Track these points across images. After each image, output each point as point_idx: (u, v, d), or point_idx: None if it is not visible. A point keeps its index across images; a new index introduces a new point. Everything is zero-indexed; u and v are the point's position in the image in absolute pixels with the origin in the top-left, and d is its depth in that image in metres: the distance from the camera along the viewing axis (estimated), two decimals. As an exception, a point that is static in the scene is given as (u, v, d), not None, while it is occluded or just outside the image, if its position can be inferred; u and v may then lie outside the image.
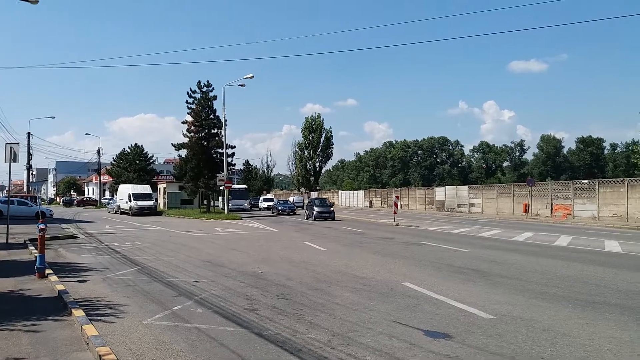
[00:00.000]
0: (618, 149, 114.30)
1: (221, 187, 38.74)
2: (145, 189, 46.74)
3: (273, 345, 5.71)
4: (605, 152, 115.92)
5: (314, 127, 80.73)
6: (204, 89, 41.30)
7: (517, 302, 7.92)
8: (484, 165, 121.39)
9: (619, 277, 10.28)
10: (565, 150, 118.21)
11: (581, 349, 5.53)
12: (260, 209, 51.84)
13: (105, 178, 78.83)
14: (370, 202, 65.27)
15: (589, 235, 20.83)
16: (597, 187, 32.08)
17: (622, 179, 33.44)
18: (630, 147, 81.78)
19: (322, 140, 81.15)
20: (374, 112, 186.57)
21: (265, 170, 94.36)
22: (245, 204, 49.88)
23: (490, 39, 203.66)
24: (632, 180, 30.91)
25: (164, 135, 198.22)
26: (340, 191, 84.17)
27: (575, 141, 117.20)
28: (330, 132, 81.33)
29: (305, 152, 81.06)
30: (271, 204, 51.29)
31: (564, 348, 5.58)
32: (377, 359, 5.17)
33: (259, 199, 57.93)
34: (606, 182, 33.24)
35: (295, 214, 43.66)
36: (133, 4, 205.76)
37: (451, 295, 8.30)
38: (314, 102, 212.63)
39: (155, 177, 67.03)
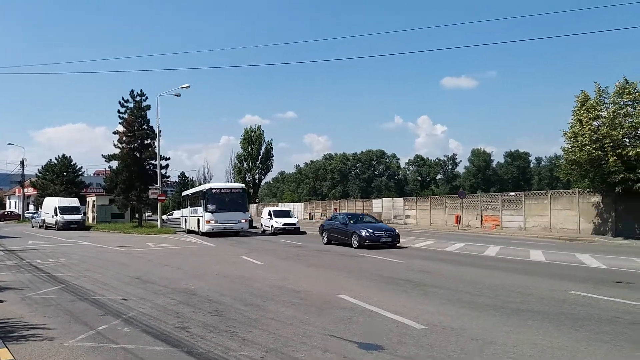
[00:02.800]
0: (543, 162, 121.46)
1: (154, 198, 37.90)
2: (73, 202, 44.43)
3: (204, 364, 5.52)
4: (532, 165, 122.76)
5: (253, 138, 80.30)
6: (137, 98, 40.07)
7: (447, 312, 8.12)
8: (418, 178, 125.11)
9: (542, 285, 10.81)
10: (494, 164, 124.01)
11: (506, 356, 5.72)
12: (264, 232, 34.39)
13: (30, 191, 74.16)
14: (310, 214, 65.43)
15: (516, 245, 21.86)
16: (523, 200, 33.81)
17: (545, 191, 35.50)
18: (553, 162, 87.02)
19: (261, 152, 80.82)
20: (313, 124, 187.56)
21: (202, 182, 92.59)
22: (242, 221, 30.35)
23: (424, 56, 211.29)
24: (554, 193, 32.86)
25: (94, 146, 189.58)
26: (280, 203, 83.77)
27: (504, 155, 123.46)
28: (271, 144, 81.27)
29: (245, 163, 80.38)
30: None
31: (491, 356, 5.76)
32: (310, 374, 5.12)
33: None
34: (531, 194, 35.11)
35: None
36: (56, 6, 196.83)
37: (385, 307, 8.39)
38: (253, 114, 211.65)
39: (84, 190, 63.86)
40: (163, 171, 39.14)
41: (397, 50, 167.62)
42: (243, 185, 36.28)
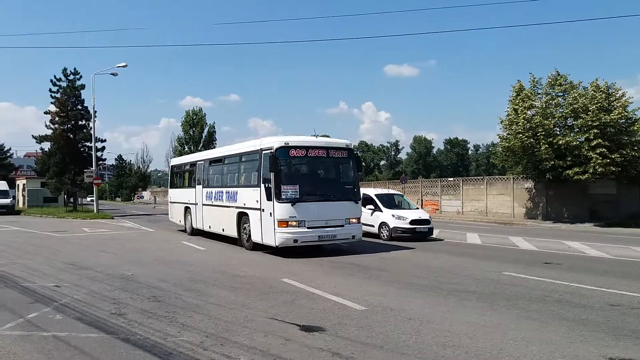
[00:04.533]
0: (480, 149, 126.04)
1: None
2: (1, 185, 41.82)
3: (140, 350, 5.35)
4: (470, 152, 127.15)
5: (195, 121, 78.32)
6: (71, 77, 37.90)
7: (388, 294, 8.31)
8: (363, 163, 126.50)
9: (477, 267, 11.27)
10: (435, 150, 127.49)
11: (442, 335, 5.91)
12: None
13: (-49, 173, 69.20)
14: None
15: (454, 229, 22.65)
16: (461, 185, 35.02)
17: (482, 177, 36.90)
18: (490, 149, 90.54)
19: (204, 135, 78.97)
20: (258, 108, 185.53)
21: (141, 166, 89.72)
22: (353, 221, 13.51)
23: (368, 43, 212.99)
24: (490, 179, 34.23)
25: (23, 126, 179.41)
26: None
27: (444, 142, 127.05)
28: (213, 127, 79.44)
29: (186, 147, 78.22)
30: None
31: (427, 335, 5.93)
32: (252, 357, 5.07)
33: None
34: (469, 180, 36.43)
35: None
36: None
37: (328, 289, 8.47)
38: (194, 95, 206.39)
39: (14, 173, 60.30)
40: (99, 154, 37.38)
41: (342, 36, 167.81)
42: (349, 141, 14.38)
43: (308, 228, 12.44)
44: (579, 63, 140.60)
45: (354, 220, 13.31)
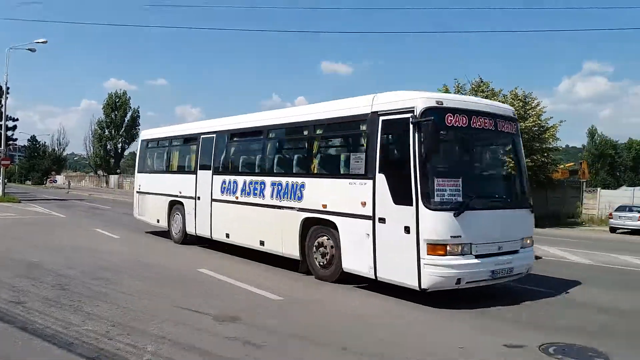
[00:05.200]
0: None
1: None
2: None
3: (39, 339, 5.05)
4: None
5: (118, 104, 75.11)
6: (-21, 48, 34.85)
7: (308, 285, 8.41)
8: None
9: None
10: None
11: (360, 323, 6.04)
12: None
13: None
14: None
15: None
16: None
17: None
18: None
19: (126, 119, 75.97)
20: (187, 94, 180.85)
21: (57, 149, 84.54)
22: (527, 242, 7.95)
23: (305, 38, 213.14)
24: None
25: None
26: (144, 176, 79.29)
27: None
28: (138, 112, 76.51)
29: (107, 131, 74.94)
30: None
31: (337, 324, 6.06)
32: (159, 346, 4.93)
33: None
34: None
35: None
36: None
37: (245, 280, 8.39)
38: (119, 77, 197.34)
39: None
40: (9, 133, 34.84)
41: (279, 27, 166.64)
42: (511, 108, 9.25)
43: (476, 257, 6.93)
44: (503, 72, 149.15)
45: (528, 242, 7.95)
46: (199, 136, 12.12)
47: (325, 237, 8.36)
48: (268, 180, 9.63)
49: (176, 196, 12.71)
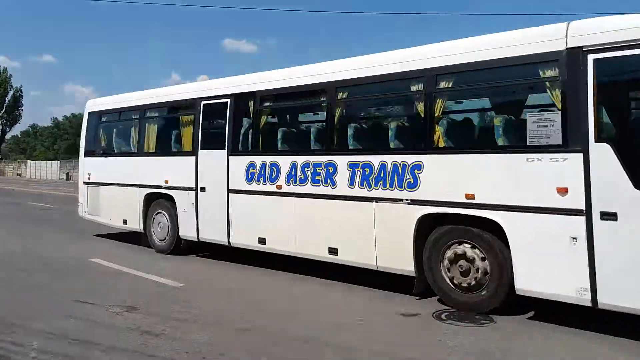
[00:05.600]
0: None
1: None
2: None
3: None
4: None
5: (-4, 83, 68.26)
6: None
7: (209, 270, 8.31)
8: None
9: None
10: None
11: (254, 302, 6.11)
12: None
13: None
14: (68, 174, 58.96)
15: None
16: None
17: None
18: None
19: (7, 99, 69.56)
20: (77, 72, 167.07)
21: None
22: None
23: (207, 14, 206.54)
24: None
25: None
26: (29, 161, 73.30)
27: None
28: (20, 91, 70.19)
29: (-17, 112, 67.89)
30: None
31: (243, 305, 6.11)
32: (46, 342, 4.63)
33: None
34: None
35: None
36: None
37: (143, 268, 8.10)
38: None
39: None
40: None
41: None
42: None
43: None
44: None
45: None
46: (198, 102, 8.78)
47: (468, 246, 5.73)
48: (343, 160, 6.69)
49: (158, 187, 9.36)
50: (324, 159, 6.90)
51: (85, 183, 11.16)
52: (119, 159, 10.69)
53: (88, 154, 11.30)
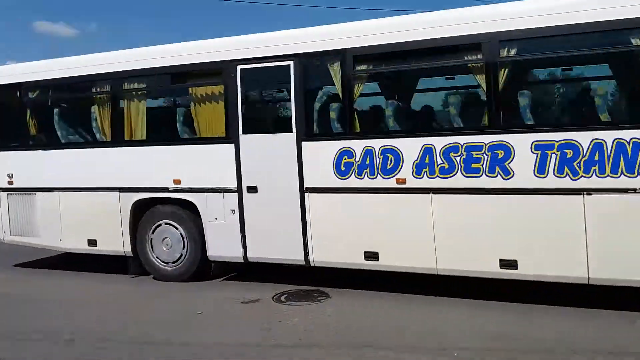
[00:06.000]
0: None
1: None
2: None
3: None
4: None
5: None
6: None
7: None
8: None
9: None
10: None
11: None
12: None
13: None
14: None
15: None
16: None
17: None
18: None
19: None
20: None
21: None
22: None
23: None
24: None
25: None
26: None
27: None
28: None
29: None
30: None
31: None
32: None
33: None
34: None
35: None
36: None
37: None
38: None
39: None
40: None
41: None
42: None
43: None
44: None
45: None
46: (230, 67, 6.05)
47: None
48: (526, 139, 4.76)
49: (160, 190, 6.57)
50: (485, 139, 4.94)
51: (2, 190, 7.50)
52: (75, 152, 7.17)
53: (2, 145, 7.58)
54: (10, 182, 7.36)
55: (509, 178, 4.83)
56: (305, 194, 5.73)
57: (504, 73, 4.93)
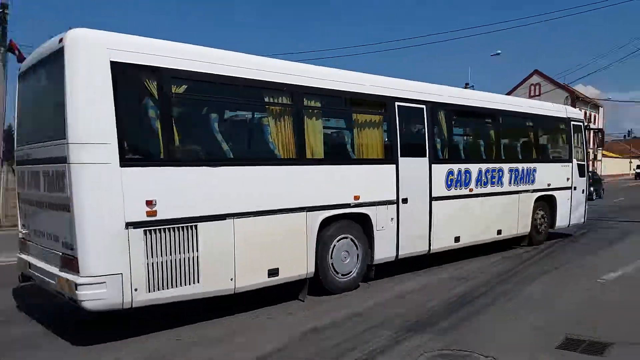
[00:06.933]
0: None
1: None
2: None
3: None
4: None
5: None
6: None
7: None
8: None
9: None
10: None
11: None
12: None
13: None
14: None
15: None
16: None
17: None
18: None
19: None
20: None
21: None
22: None
23: None
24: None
25: None
26: None
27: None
28: None
29: None
30: None
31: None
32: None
33: None
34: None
35: None
36: None
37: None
38: None
39: None
40: None
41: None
42: None
43: None
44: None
45: None
46: (390, 102, 7.59)
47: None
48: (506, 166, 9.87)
49: (343, 206, 6.94)
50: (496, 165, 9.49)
51: (136, 225, 5.02)
52: (251, 169, 6.08)
53: (137, 159, 5.20)
54: (152, 213, 5.11)
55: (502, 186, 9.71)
56: (432, 202, 8.16)
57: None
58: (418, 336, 5.10)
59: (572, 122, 11.39)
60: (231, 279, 5.71)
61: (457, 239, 8.65)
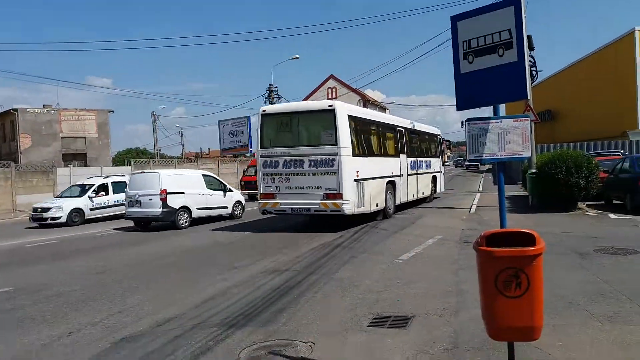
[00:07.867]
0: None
1: None
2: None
3: None
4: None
5: None
6: None
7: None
8: None
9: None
10: None
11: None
12: None
13: None
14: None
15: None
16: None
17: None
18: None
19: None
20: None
21: None
22: None
23: None
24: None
25: None
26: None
27: None
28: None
29: None
30: None
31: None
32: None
33: None
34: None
35: None
36: None
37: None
38: None
39: None
40: None
41: None
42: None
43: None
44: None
45: None
46: (400, 129, 17.13)
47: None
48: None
49: (393, 176, 15.78)
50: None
51: (356, 180, 13.06)
52: (379, 159, 15.07)
53: (355, 154, 13.42)
54: (358, 175, 13.44)
55: None
56: (409, 176, 17.36)
57: None
58: (239, 331, 5.05)
59: (439, 136, 22.07)
60: (377, 205, 13.92)
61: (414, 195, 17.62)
